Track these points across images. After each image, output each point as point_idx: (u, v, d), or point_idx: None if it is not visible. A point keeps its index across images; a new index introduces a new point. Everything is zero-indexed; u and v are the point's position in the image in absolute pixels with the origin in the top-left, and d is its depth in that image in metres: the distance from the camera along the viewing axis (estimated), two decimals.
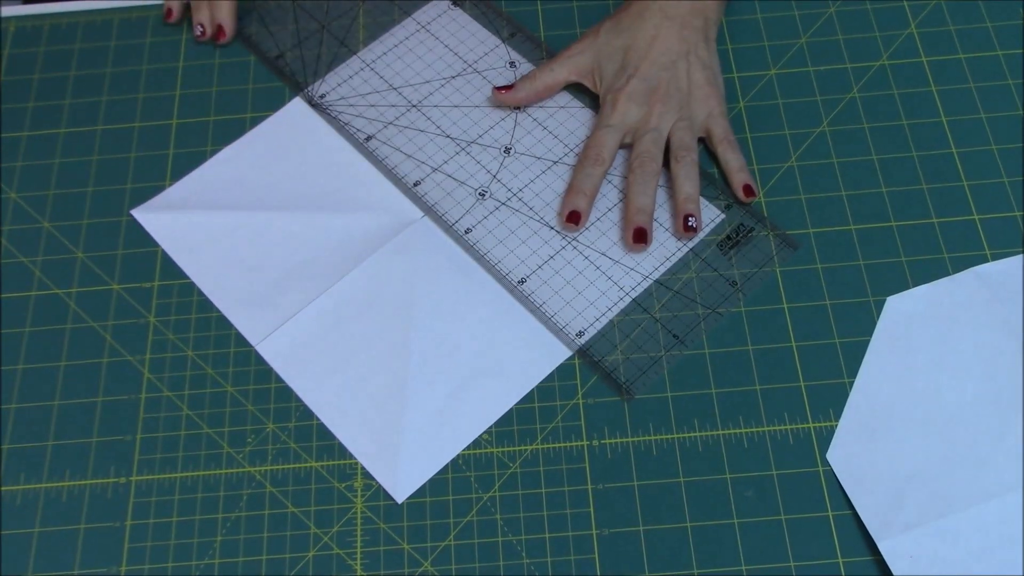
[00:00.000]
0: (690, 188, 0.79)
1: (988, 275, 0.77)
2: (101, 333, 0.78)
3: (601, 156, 0.80)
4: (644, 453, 0.72)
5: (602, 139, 0.81)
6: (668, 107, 0.81)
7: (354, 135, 0.86)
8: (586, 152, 0.81)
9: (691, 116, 0.81)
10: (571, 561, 0.69)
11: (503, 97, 0.85)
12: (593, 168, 0.80)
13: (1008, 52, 0.87)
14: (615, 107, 0.81)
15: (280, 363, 0.77)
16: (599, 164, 0.80)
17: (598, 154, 0.80)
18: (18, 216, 0.83)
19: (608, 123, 0.81)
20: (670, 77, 0.81)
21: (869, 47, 0.88)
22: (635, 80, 0.81)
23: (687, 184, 0.79)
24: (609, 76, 0.83)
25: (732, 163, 0.81)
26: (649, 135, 0.80)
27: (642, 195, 0.79)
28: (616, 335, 0.76)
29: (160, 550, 0.71)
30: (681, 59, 0.82)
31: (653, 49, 0.82)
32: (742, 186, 0.80)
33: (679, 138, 0.81)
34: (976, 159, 0.82)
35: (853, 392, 0.74)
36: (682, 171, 0.80)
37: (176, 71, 0.90)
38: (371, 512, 0.71)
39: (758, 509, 0.70)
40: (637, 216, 0.78)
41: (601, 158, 0.80)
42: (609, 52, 0.83)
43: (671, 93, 0.81)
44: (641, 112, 0.81)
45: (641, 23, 0.83)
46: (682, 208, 0.79)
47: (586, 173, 0.80)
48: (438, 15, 0.92)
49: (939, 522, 0.68)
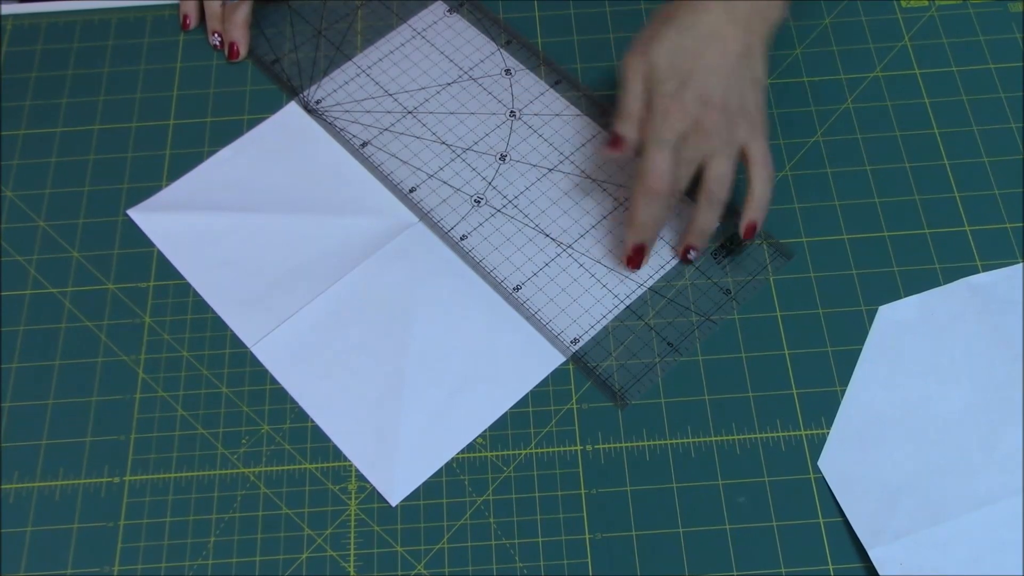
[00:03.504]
0: (706, 224, 0.77)
1: (979, 286, 0.77)
2: (96, 333, 0.78)
3: (664, 183, 0.74)
4: (637, 459, 0.73)
5: (659, 164, 0.74)
6: (719, 128, 0.74)
7: (350, 141, 0.86)
8: (643, 179, 0.75)
9: (733, 139, 0.75)
10: (564, 565, 0.69)
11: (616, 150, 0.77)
12: (657, 199, 0.75)
13: (1000, 65, 0.87)
14: (667, 117, 0.74)
15: (275, 365, 0.77)
16: (662, 193, 0.75)
17: (659, 180, 0.74)
18: (14, 215, 0.83)
19: (662, 137, 0.74)
20: (725, 92, 0.74)
21: (863, 59, 0.88)
22: (690, 89, 0.74)
23: (706, 219, 0.77)
24: (660, 74, 0.75)
25: (756, 192, 0.76)
26: (713, 160, 0.75)
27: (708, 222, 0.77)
28: (610, 342, 0.77)
29: (153, 550, 0.71)
30: (736, 71, 0.75)
31: (710, 54, 0.74)
32: (748, 222, 0.77)
33: (717, 169, 0.75)
34: (968, 171, 0.83)
35: (845, 400, 0.74)
36: (707, 205, 0.76)
37: (174, 72, 0.90)
38: (365, 514, 0.72)
39: (750, 515, 0.71)
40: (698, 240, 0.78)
41: (664, 184, 0.74)
42: (661, 50, 0.75)
43: (726, 111, 0.74)
44: (692, 126, 0.74)
45: (701, 19, 0.75)
46: (690, 239, 0.78)
47: (649, 205, 0.75)
48: (434, 21, 0.93)
49: (929, 530, 0.69)
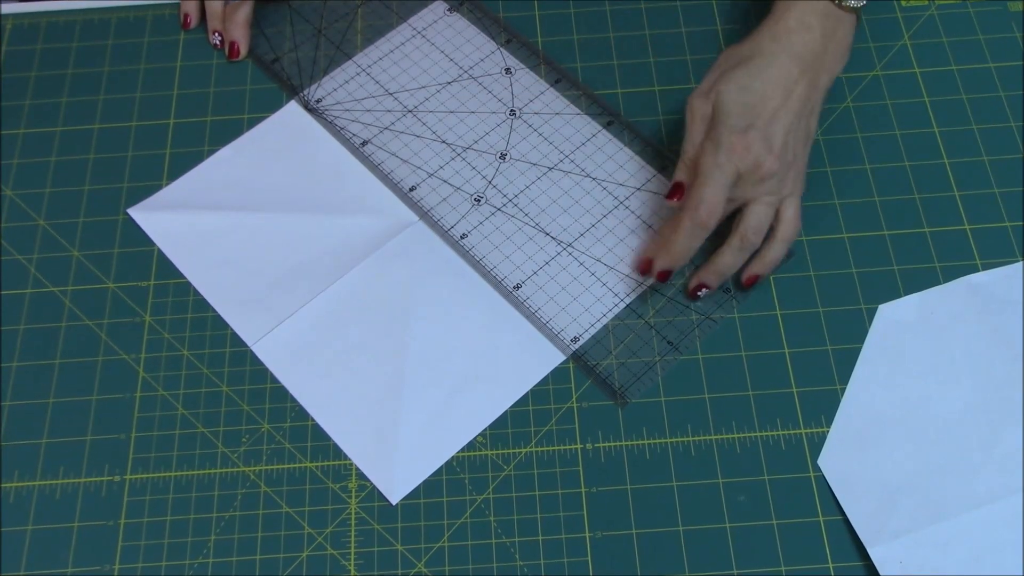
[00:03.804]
0: (729, 267, 0.77)
1: (979, 285, 0.78)
2: (96, 331, 0.78)
3: (714, 218, 0.74)
4: (638, 457, 0.73)
5: (715, 197, 0.74)
6: (774, 177, 0.74)
7: (350, 139, 0.86)
8: (695, 210, 0.74)
9: (780, 191, 0.76)
10: (564, 564, 0.69)
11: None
12: (702, 232, 0.75)
13: (1000, 64, 0.88)
14: (732, 152, 0.74)
15: (275, 364, 0.77)
16: (705, 230, 0.74)
17: (711, 214, 0.74)
18: (14, 214, 0.83)
19: (725, 171, 0.74)
20: (784, 142, 0.74)
21: (863, 58, 0.88)
22: (756, 130, 0.74)
23: (730, 262, 0.76)
24: (726, 113, 0.74)
25: (773, 250, 0.77)
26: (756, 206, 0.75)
27: (734, 262, 0.77)
28: (611, 340, 0.77)
29: (154, 549, 0.71)
30: (797, 123, 0.75)
31: (777, 100, 0.74)
32: (751, 275, 0.77)
33: (758, 217, 0.75)
34: (968, 170, 0.83)
35: (845, 399, 0.74)
36: (737, 249, 0.76)
37: (174, 71, 0.90)
38: (365, 513, 0.72)
39: (750, 513, 0.71)
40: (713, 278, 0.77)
41: (714, 220, 0.74)
42: (731, 88, 0.75)
43: (783, 161, 0.74)
44: (753, 166, 0.74)
45: (771, 66, 0.75)
46: (705, 276, 0.77)
47: (693, 236, 0.75)
48: (434, 20, 0.93)
49: (929, 529, 0.69)
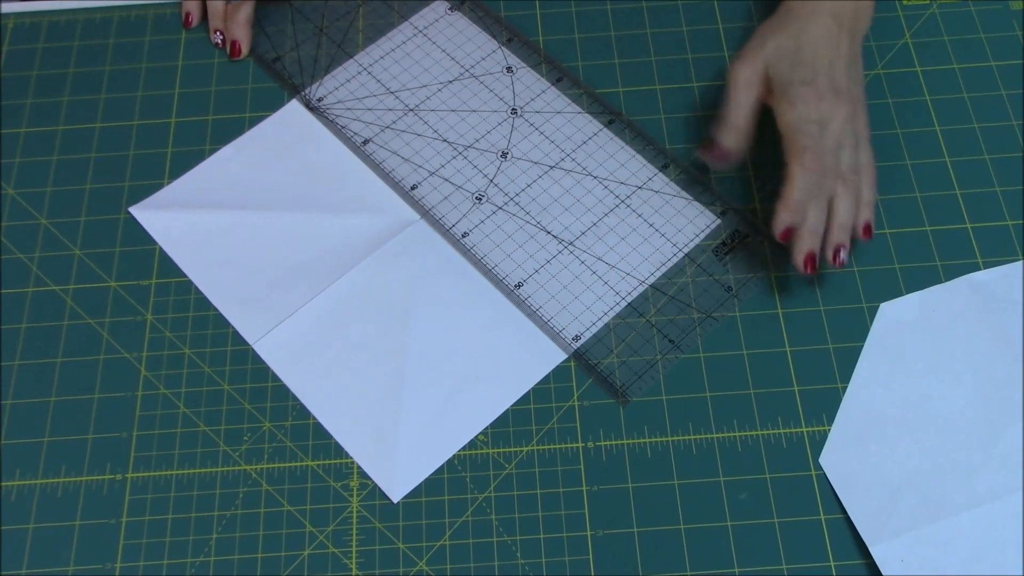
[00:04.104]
0: (847, 216, 0.76)
1: (981, 283, 0.78)
2: (98, 330, 0.78)
3: (824, 161, 0.75)
4: (639, 456, 0.73)
5: (819, 140, 0.75)
6: (850, 116, 0.76)
7: (351, 138, 0.86)
8: (805, 154, 0.75)
9: (856, 132, 0.77)
10: (565, 562, 0.69)
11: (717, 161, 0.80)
12: (815, 177, 0.75)
13: (1001, 63, 0.88)
14: (809, 103, 0.75)
15: (277, 362, 0.77)
16: (818, 173, 0.75)
17: (818, 157, 0.75)
18: (15, 212, 0.83)
19: (813, 119, 0.75)
20: (849, 83, 0.77)
21: (865, 56, 0.87)
22: (822, 77, 0.76)
23: (846, 210, 0.76)
24: (786, 72, 0.77)
25: (864, 194, 0.77)
26: (836, 149, 0.76)
27: (819, 216, 0.76)
28: (612, 339, 0.77)
29: (155, 547, 0.71)
30: (852, 70, 0.78)
31: (829, 52, 0.77)
32: (864, 223, 0.77)
33: (849, 157, 0.76)
34: (969, 168, 0.83)
35: (846, 397, 0.74)
36: (846, 196, 0.76)
37: (175, 70, 0.90)
38: (367, 511, 0.72)
39: (751, 512, 0.71)
40: (811, 239, 0.76)
41: (822, 163, 0.75)
42: (780, 54, 0.77)
43: (852, 100, 0.77)
44: (831, 113, 0.75)
45: (812, 25, 0.78)
46: (836, 237, 0.76)
47: (807, 181, 0.75)
48: (436, 19, 0.93)
49: (930, 527, 0.69)
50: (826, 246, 0.76)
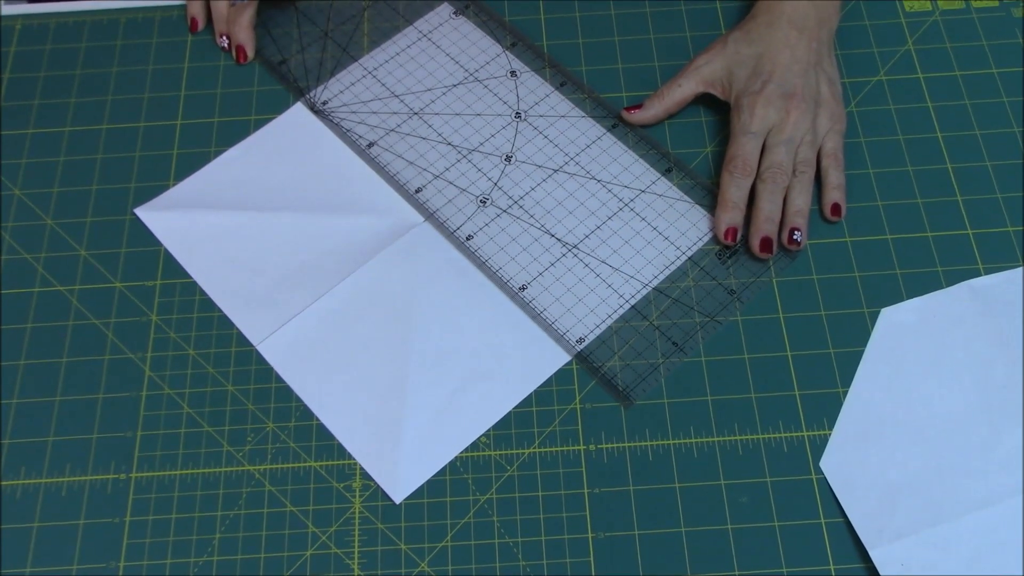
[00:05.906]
0: (802, 203, 0.80)
1: (981, 289, 0.78)
2: (103, 330, 0.79)
3: (749, 166, 0.80)
4: (640, 458, 0.73)
5: (747, 147, 0.81)
6: (803, 115, 0.81)
7: (356, 141, 0.86)
8: (733, 162, 0.81)
9: (816, 129, 0.82)
10: (567, 564, 0.70)
11: (633, 116, 0.86)
12: (743, 180, 0.80)
13: (1003, 70, 0.88)
14: (753, 112, 0.81)
15: (281, 363, 0.77)
16: (748, 175, 0.80)
17: (745, 164, 0.80)
18: (22, 213, 0.84)
19: (750, 130, 0.81)
20: (804, 84, 0.82)
21: (867, 63, 0.89)
22: (772, 84, 0.82)
23: (799, 199, 0.80)
24: (742, 81, 0.83)
25: (832, 179, 0.82)
26: (783, 146, 0.81)
27: (771, 204, 0.80)
28: (615, 342, 0.77)
29: (159, 547, 0.71)
30: (811, 69, 0.83)
31: (785, 57, 0.82)
32: (831, 204, 0.81)
33: (803, 152, 0.81)
34: (971, 174, 0.83)
35: (847, 401, 0.74)
36: (798, 185, 0.80)
37: (181, 72, 0.91)
38: (369, 512, 0.72)
39: (752, 515, 0.71)
40: (765, 225, 0.79)
41: (749, 168, 0.80)
42: (739, 60, 0.84)
43: (807, 100, 0.81)
44: (778, 117, 0.81)
45: (771, 32, 0.83)
46: (790, 221, 0.80)
47: (736, 185, 0.80)
48: (440, 23, 0.93)
49: (930, 530, 0.69)
50: (782, 229, 0.80)
